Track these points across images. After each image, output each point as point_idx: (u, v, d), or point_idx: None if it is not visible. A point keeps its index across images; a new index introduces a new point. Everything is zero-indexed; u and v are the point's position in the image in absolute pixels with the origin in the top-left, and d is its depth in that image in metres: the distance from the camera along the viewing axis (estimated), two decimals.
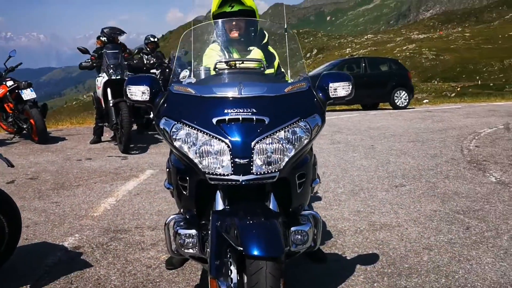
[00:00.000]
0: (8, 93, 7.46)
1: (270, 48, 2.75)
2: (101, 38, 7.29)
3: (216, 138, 1.92)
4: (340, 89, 2.23)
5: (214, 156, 1.93)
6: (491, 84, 72.00)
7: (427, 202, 4.11)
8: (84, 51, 7.07)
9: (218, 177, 1.93)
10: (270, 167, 1.93)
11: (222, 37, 2.67)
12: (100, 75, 6.76)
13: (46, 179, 5.16)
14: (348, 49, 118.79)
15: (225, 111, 1.97)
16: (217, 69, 2.24)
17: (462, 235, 3.35)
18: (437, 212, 3.85)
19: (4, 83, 7.62)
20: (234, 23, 2.61)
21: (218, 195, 2.05)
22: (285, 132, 1.96)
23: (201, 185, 2.06)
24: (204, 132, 1.94)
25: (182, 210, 2.30)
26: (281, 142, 1.95)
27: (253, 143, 1.90)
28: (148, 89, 2.23)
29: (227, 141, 1.90)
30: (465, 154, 6.18)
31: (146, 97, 2.24)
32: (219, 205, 2.03)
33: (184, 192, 2.12)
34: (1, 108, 7.91)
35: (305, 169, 2.16)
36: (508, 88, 62.97)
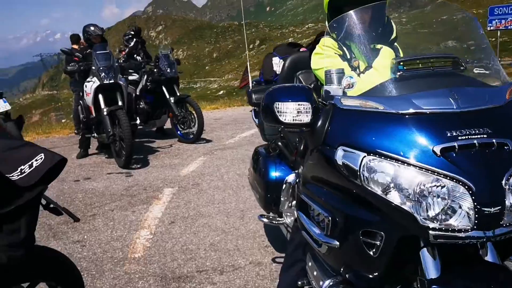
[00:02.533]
0: None
1: (397, 44, 2.12)
2: (81, 37, 6.35)
3: (445, 176, 1.31)
4: None
5: (444, 203, 1.32)
6: None
7: None
8: (69, 53, 6.10)
9: (450, 234, 1.32)
10: None
11: (345, 30, 2.01)
12: (89, 79, 5.82)
13: None
14: (290, 39, 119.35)
15: (448, 134, 1.36)
16: (401, 71, 1.57)
17: None
18: None
19: None
20: (359, 14, 1.94)
21: (425, 254, 1.43)
22: None
23: (402, 243, 1.44)
24: (423, 168, 1.33)
25: (343, 270, 1.66)
26: None
27: (503, 181, 1.31)
28: (309, 106, 1.57)
29: (464, 179, 1.30)
30: None
31: (305, 118, 1.58)
32: (431, 269, 1.40)
33: (368, 251, 1.48)
34: None
35: None
36: None
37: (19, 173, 1.43)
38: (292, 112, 1.57)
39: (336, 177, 1.54)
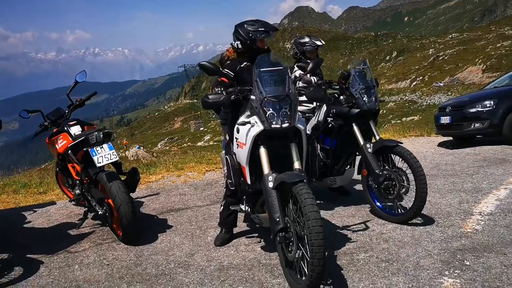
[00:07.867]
0: (69, 150, 4.21)
1: None
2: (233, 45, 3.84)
3: None
4: None
5: None
6: None
7: None
8: (212, 69, 3.48)
9: None
10: None
11: None
12: (243, 119, 3.22)
13: None
14: (431, 50, 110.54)
15: None
16: None
17: None
18: None
19: (66, 128, 4.40)
20: None
21: None
22: None
23: None
24: None
25: None
26: None
27: None
28: None
29: None
30: None
31: None
32: None
33: None
34: (63, 167, 4.73)
35: None
36: None
37: None
38: None
39: None
